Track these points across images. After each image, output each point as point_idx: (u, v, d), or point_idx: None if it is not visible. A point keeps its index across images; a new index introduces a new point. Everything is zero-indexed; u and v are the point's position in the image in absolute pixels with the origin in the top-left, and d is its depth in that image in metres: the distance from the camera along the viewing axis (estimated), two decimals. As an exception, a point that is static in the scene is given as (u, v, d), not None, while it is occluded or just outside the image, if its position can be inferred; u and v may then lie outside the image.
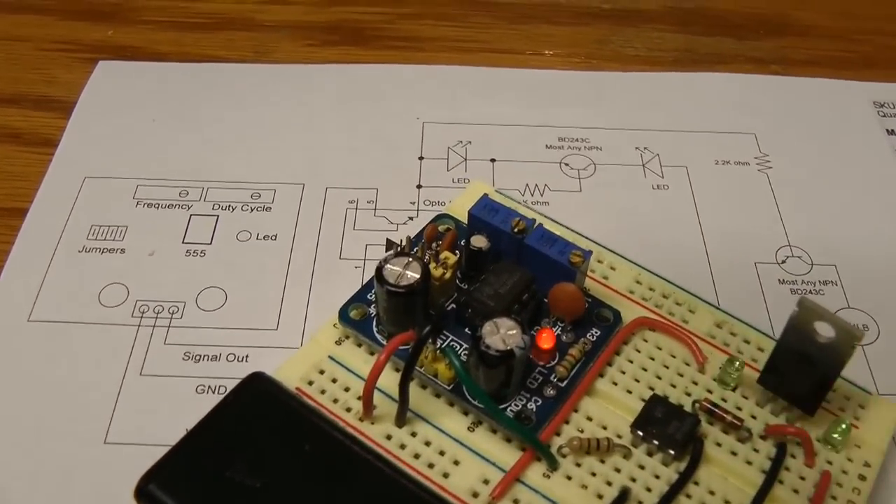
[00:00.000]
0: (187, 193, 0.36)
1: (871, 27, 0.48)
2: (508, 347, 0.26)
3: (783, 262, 0.35)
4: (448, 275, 0.29)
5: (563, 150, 0.39)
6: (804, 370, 0.27)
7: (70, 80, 0.41)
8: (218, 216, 0.36)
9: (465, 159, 0.38)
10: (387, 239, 0.30)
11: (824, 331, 0.27)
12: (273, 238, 0.35)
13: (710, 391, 0.29)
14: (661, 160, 0.39)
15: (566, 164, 0.39)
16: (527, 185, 0.37)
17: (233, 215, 0.36)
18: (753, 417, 0.29)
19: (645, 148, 0.39)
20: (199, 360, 0.31)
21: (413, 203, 0.36)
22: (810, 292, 0.34)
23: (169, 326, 0.32)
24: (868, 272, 0.35)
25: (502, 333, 0.26)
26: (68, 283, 0.33)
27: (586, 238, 0.32)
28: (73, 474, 0.28)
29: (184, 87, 0.41)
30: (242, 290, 0.33)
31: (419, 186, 0.37)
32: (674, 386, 0.29)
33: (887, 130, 0.42)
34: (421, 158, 0.38)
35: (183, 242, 0.35)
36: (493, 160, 0.38)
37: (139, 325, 0.32)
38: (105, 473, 0.28)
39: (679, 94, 0.42)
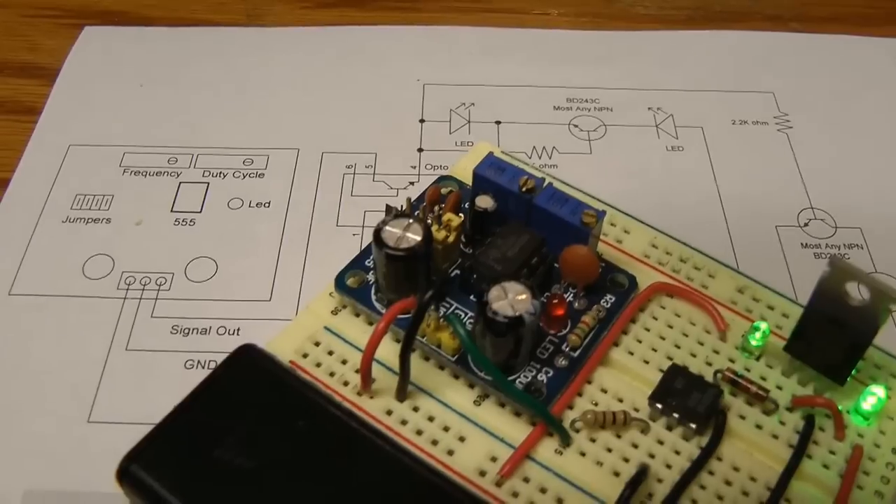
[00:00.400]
0: (176, 160, 0.35)
1: (894, -18, 0.46)
2: (517, 313, 0.24)
3: (805, 224, 0.33)
4: (451, 238, 0.27)
5: (571, 112, 0.37)
6: (834, 336, 0.25)
7: (54, 46, 0.39)
8: (208, 184, 0.34)
9: (469, 121, 0.36)
10: (386, 205, 0.28)
11: (857, 292, 0.25)
12: (266, 205, 0.33)
13: (732, 360, 0.27)
14: (674, 121, 0.37)
15: (575, 126, 0.37)
16: (534, 147, 0.35)
17: (224, 182, 0.34)
18: (779, 388, 0.27)
19: (658, 108, 0.38)
20: (188, 333, 0.29)
21: (414, 167, 0.35)
22: (838, 254, 0.33)
23: (156, 299, 0.30)
24: (892, 235, 0.33)
25: (510, 298, 0.24)
26: (51, 254, 0.32)
27: (598, 200, 0.30)
28: (55, 455, 0.27)
29: (173, 52, 0.39)
30: (234, 259, 0.32)
31: (420, 150, 0.35)
32: (694, 355, 0.27)
33: (913, 88, 0.40)
34: (422, 121, 0.37)
35: (171, 211, 0.33)
36: (498, 122, 0.37)
37: (125, 298, 0.30)
38: (89, 454, 0.27)
39: (692, 53, 0.40)
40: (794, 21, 0.43)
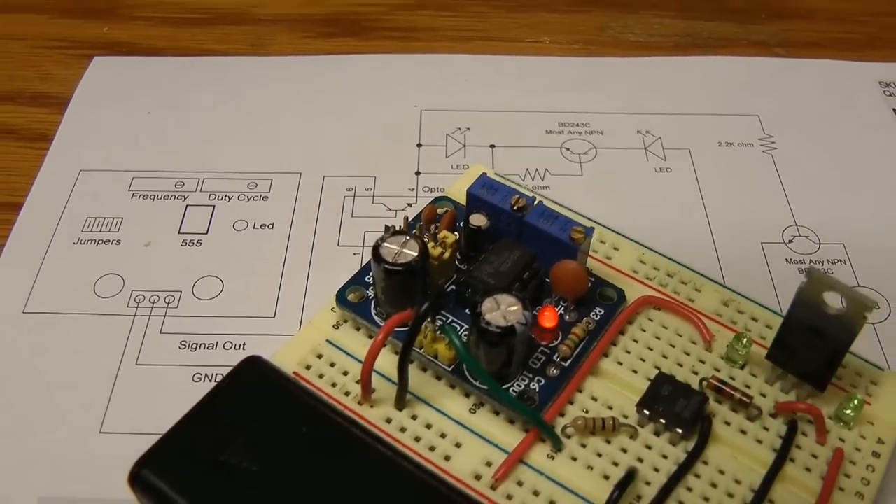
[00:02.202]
0: (183, 184, 0.36)
1: (875, 9, 0.47)
2: (509, 323, 0.25)
3: (790, 241, 0.35)
4: (447, 254, 0.28)
5: (563, 135, 0.39)
6: (814, 344, 0.26)
7: (65, 76, 0.41)
8: (214, 206, 0.35)
9: (464, 145, 0.38)
10: (385, 225, 0.29)
11: (834, 302, 0.26)
12: (270, 227, 0.34)
13: (717, 369, 0.28)
14: (663, 143, 0.38)
15: (567, 149, 0.38)
16: (527, 169, 0.37)
17: (229, 205, 0.35)
18: (763, 395, 0.28)
19: (647, 131, 0.39)
20: (196, 348, 0.30)
21: (412, 189, 0.36)
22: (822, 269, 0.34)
23: (165, 316, 0.31)
24: (877, 250, 0.35)
25: (503, 310, 0.25)
26: (63, 274, 0.33)
27: (588, 219, 0.32)
28: (68, 463, 0.28)
29: (179, 81, 0.41)
30: (239, 278, 0.33)
31: (418, 173, 0.37)
32: (680, 365, 0.28)
33: (894, 109, 0.41)
34: (419, 145, 0.38)
35: (179, 233, 0.34)
36: (492, 146, 0.38)
37: (135, 315, 0.31)
38: (101, 463, 0.27)
39: (680, 78, 0.42)
40: (777, 46, 0.44)
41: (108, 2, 0.45)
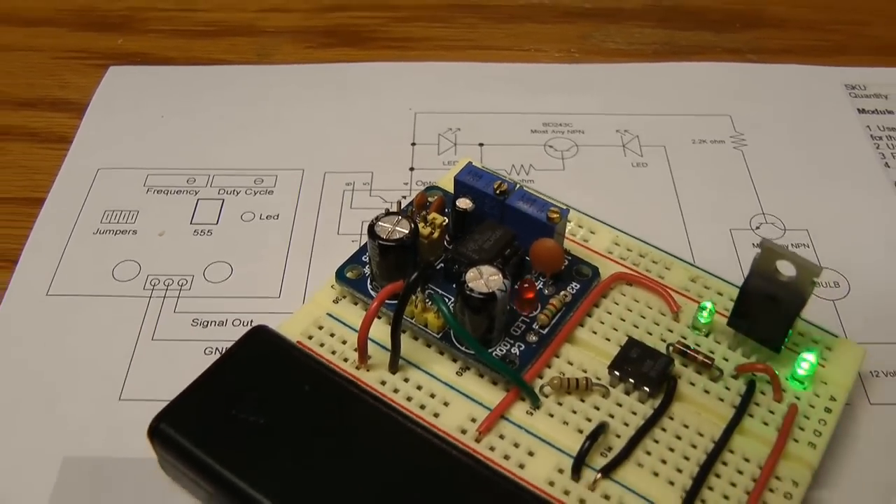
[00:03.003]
0: (194, 181, 0.39)
1: (844, 18, 0.50)
2: (490, 290, 0.28)
3: (757, 227, 0.37)
4: (436, 234, 0.31)
5: (547, 135, 0.41)
6: (770, 309, 0.29)
7: (83, 84, 0.44)
8: (223, 200, 0.38)
9: (455, 144, 0.41)
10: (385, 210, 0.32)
11: (785, 269, 0.29)
12: (275, 218, 0.37)
13: (684, 337, 0.31)
14: (640, 141, 0.41)
15: (550, 147, 0.41)
16: (513, 165, 0.40)
17: (237, 199, 0.38)
18: (725, 360, 0.30)
19: (625, 130, 0.42)
20: (207, 325, 0.33)
21: (406, 184, 0.39)
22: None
23: (178, 297, 0.34)
24: (838, 235, 0.37)
25: (485, 279, 0.28)
26: (84, 261, 0.35)
27: (568, 206, 0.34)
28: (90, 428, 0.30)
29: (190, 87, 0.44)
30: (247, 263, 0.35)
31: (412, 169, 0.39)
32: (650, 333, 0.31)
33: (858, 109, 0.44)
34: (413, 144, 0.41)
35: (191, 223, 0.37)
36: (481, 144, 0.41)
37: (150, 297, 0.34)
38: (120, 427, 0.30)
39: (658, 82, 0.45)
40: (751, 53, 0.47)
41: (123, 16, 0.48)
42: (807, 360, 0.30)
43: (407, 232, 0.29)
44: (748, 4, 0.51)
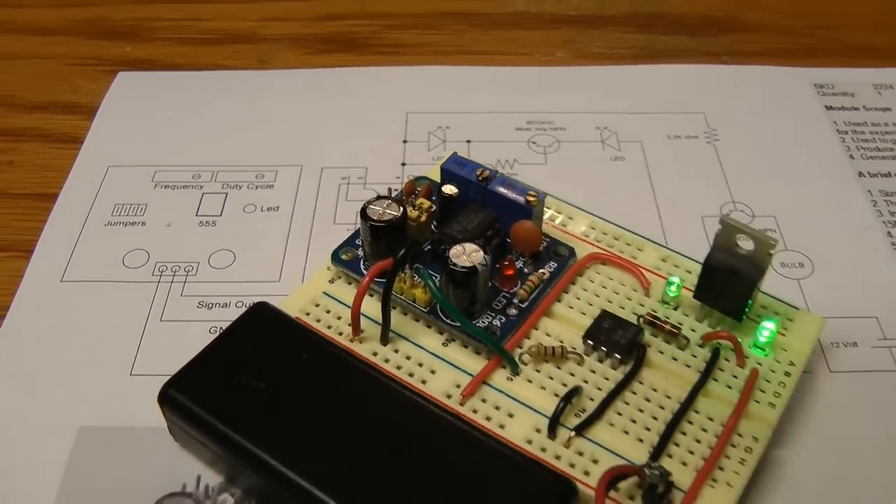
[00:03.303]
0: (199, 176, 0.41)
1: (816, 23, 0.53)
2: (473, 264, 0.30)
3: (727, 214, 0.40)
4: (424, 217, 0.33)
5: (530, 132, 0.44)
6: (731, 281, 0.31)
7: (93, 88, 0.46)
8: (227, 193, 0.41)
9: (444, 141, 0.43)
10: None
11: (744, 243, 0.31)
12: (276, 209, 0.40)
13: (654, 311, 0.33)
14: (618, 137, 0.44)
15: (533, 143, 0.43)
16: (497, 160, 0.42)
17: (240, 192, 0.41)
18: (693, 331, 0.33)
19: (604, 127, 0.44)
20: (212, 307, 0.36)
21: (398, 178, 0.41)
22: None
23: (185, 282, 0.37)
24: (804, 220, 0.40)
25: (467, 254, 0.31)
26: (96, 250, 0.38)
27: (549, 195, 0.37)
28: (103, 401, 0.32)
29: (195, 91, 0.46)
30: (249, 251, 0.38)
31: (403, 164, 0.42)
32: (623, 308, 0.33)
33: (826, 107, 0.47)
34: (405, 142, 0.43)
35: (196, 215, 0.40)
36: (468, 141, 0.43)
37: (158, 282, 0.37)
38: (130, 399, 0.32)
39: (637, 83, 0.47)
40: (726, 55, 0.50)
41: (131, 25, 0.51)
42: (767, 329, 0.32)
43: (396, 214, 0.32)
44: (725, 11, 0.54)
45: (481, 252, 0.30)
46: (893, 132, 0.46)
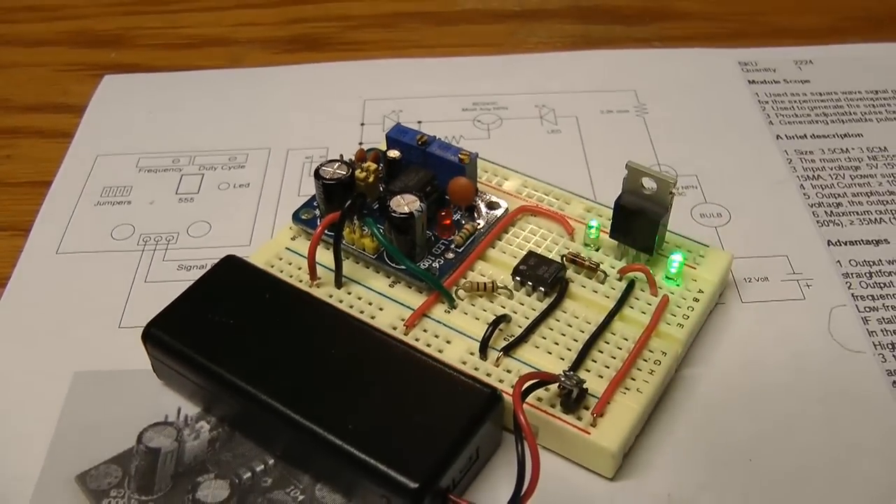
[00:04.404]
0: (179, 161, 0.46)
1: (742, 9, 0.58)
2: (410, 211, 0.35)
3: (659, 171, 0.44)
4: (371, 178, 0.38)
5: (476, 112, 0.49)
6: (640, 219, 0.36)
7: (81, 90, 0.51)
8: (203, 174, 0.45)
9: (398, 122, 0.48)
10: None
11: (648, 184, 0.36)
12: (247, 186, 0.44)
13: (578, 252, 0.38)
14: (555, 113, 0.49)
15: (478, 121, 0.48)
16: (445, 136, 0.47)
17: (215, 173, 0.45)
18: (612, 268, 0.37)
19: (543, 105, 0.49)
20: (190, 269, 0.40)
21: (356, 154, 0.46)
22: (677, 193, 0.43)
23: (167, 249, 0.41)
24: (721, 178, 0.45)
25: (406, 203, 0.35)
26: (87, 226, 0.42)
27: (490, 161, 0.42)
28: (96, 349, 0.37)
29: (174, 89, 0.51)
30: (223, 221, 0.42)
31: (360, 143, 0.47)
32: (550, 251, 0.38)
33: (749, 81, 0.52)
34: (362, 125, 0.48)
35: (176, 193, 0.44)
36: (419, 122, 0.48)
37: (143, 250, 0.41)
38: (119, 348, 0.37)
39: (574, 67, 0.52)
40: (657, 41, 0.55)
41: (115, 34, 0.56)
42: (675, 261, 0.36)
43: (345, 173, 0.37)
44: (658, 2, 0.59)
45: (417, 200, 0.35)
46: (811, 101, 0.51)
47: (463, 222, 0.38)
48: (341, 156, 0.38)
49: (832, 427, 0.33)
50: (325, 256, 0.37)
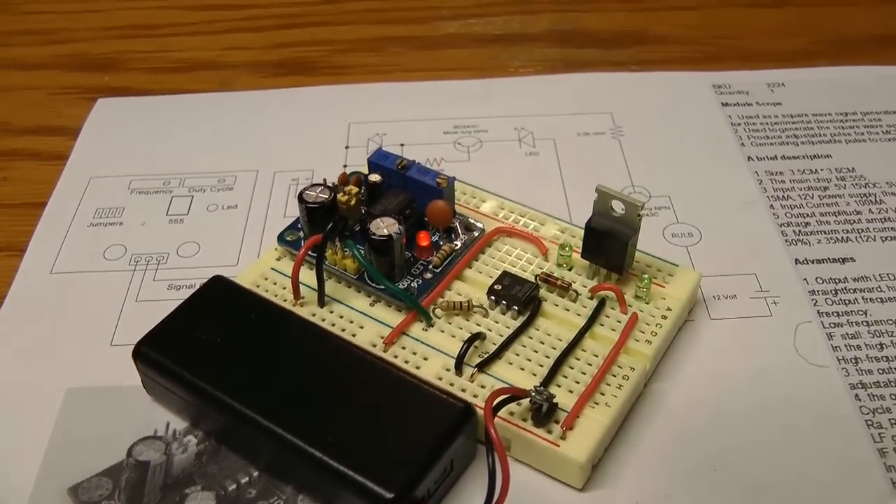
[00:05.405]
0: (169, 183, 0.48)
1: (718, 33, 0.60)
2: (388, 233, 0.36)
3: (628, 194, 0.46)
4: (353, 201, 0.40)
5: (457, 134, 0.50)
6: (610, 241, 0.37)
7: (75, 113, 0.53)
8: (193, 196, 0.47)
9: (381, 146, 0.49)
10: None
11: (618, 207, 0.37)
12: (234, 207, 0.46)
13: (550, 272, 0.39)
14: (534, 136, 0.50)
15: (459, 144, 0.50)
16: (427, 159, 0.48)
17: (204, 195, 0.47)
18: (584, 287, 0.39)
19: (522, 128, 0.51)
20: (180, 288, 0.42)
21: (340, 177, 0.47)
22: (649, 214, 0.45)
23: (157, 269, 0.43)
24: (695, 198, 0.46)
25: (385, 226, 0.37)
26: (80, 247, 0.44)
27: (468, 184, 0.43)
28: (88, 366, 0.38)
29: (166, 112, 0.53)
30: (212, 242, 0.44)
31: (345, 166, 0.48)
32: (524, 271, 0.39)
33: (722, 103, 0.53)
34: (347, 147, 0.50)
35: (167, 215, 0.46)
36: (402, 144, 0.50)
37: (134, 270, 0.43)
38: (111, 364, 0.38)
39: (551, 90, 0.54)
40: (633, 64, 0.56)
41: (108, 58, 0.58)
42: (644, 279, 0.38)
43: (327, 197, 0.38)
44: (635, 26, 0.60)
45: (396, 224, 0.37)
46: (782, 122, 0.52)
47: (441, 243, 0.39)
48: (325, 180, 0.40)
49: (795, 438, 0.35)
50: (308, 277, 0.38)
